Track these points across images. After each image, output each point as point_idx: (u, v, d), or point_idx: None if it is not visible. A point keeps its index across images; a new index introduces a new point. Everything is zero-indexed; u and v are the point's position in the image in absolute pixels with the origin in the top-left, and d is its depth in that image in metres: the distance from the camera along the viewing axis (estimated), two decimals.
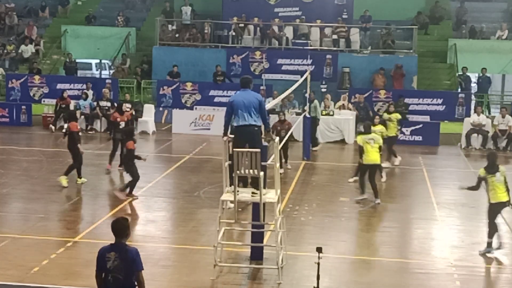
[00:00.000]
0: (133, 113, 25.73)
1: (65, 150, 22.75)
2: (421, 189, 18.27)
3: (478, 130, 24.52)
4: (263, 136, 11.78)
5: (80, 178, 17.41)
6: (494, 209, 12.78)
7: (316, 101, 23.23)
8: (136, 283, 7.87)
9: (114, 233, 7.92)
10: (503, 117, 24.53)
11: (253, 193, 11.45)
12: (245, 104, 11.45)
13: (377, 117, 20.10)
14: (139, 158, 16.52)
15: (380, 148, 16.28)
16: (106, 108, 25.82)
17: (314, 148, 22.82)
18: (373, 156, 16.05)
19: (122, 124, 18.67)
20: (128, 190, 16.10)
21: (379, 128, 18.63)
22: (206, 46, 30.84)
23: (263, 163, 11.14)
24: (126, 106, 25.68)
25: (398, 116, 20.98)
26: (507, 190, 12.70)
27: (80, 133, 17.42)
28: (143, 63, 30.86)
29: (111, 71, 33.49)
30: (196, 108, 27.96)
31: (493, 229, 12.80)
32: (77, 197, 16.40)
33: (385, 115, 20.91)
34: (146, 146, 24.03)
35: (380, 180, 17.85)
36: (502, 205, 12.71)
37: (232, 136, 11.65)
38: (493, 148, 24.26)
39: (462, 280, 11.62)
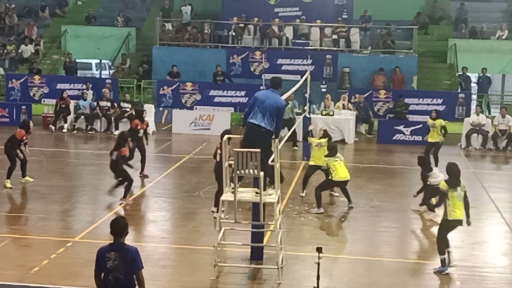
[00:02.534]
0: (133, 113, 25.81)
1: (65, 150, 22.90)
2: None
3: (478, 130, 24.53)
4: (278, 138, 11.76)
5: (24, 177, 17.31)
6: (449, 226, 11.91)
7: (291, 102, 23.37)
8: (136, 282, 7.89)
9: (113, 232, 7.93)
10: (503, 117, 24.54)
11: (256, 193, 11.44)
12: (264, 105, 11.45)
13: (321, 128, 17.84)
14: (130, 165, 16.22)
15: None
16: (106, 108, 25.83)
17: (295, 148, 22.91)
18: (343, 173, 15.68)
19: (141, 132, 18.17)
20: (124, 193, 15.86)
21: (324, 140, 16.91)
22: (206, 46, 30.83)
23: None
24: (126, 106, 25.90)
25: (442, 122, 20.11)
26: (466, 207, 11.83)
27: (25, 141, 17.09)
28: (143, 63, 30.86)
29: (111, 71, 33.49)
30: (196, 108, 27.96)
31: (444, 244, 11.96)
32: (77, 197, 16.39)
33: (430, 121, 20.27)
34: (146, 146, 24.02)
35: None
36: (458, 222, 11.84)
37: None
38: (493, 148, 24.29)
39: (462, 280, 11.63)
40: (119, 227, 7.94)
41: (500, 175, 21.17)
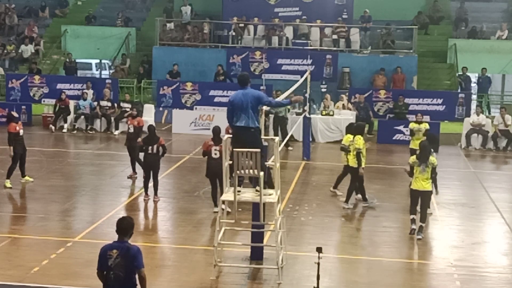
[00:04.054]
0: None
1: (65, 150, 22.89)
2: None
3: (478, 130, 24.52)
4: (292, 99, 12.29)
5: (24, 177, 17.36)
6: (411, 194, 13.95)
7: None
8: (136, 281, 7.90)
9: (118, 230, 7.96)
10: (503, 117, 24.53)
11: (257, 191, 11.42)
12: (244, 106, 11.41)
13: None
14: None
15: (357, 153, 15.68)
16: (106, 108, 25.83)
17: (290, 148, 22.88)
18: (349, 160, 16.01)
19: (131, 129, 18.13)
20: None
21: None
22: (206, 46, 30.83)
23: (266, 163, 11.20)
24: (126, 106, 25.88)
25: (427, 125, 18.37)
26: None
27: (20, 133, 17.01)
28: (143, 63, 30.87)
29: (111, 71, 33.49)
30: (196, 108, 27.93)
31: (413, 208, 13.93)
32: (77, 197, 16.39)
33: (415, 125, 18.28)
34: None
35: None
36: (415, 192, 13.67)
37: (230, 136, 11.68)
38: (493, 148, 24.28)
39: (462, 280, 11.63)
40: (125, 226, 7.98)
41: (500, 175, 21.17)
